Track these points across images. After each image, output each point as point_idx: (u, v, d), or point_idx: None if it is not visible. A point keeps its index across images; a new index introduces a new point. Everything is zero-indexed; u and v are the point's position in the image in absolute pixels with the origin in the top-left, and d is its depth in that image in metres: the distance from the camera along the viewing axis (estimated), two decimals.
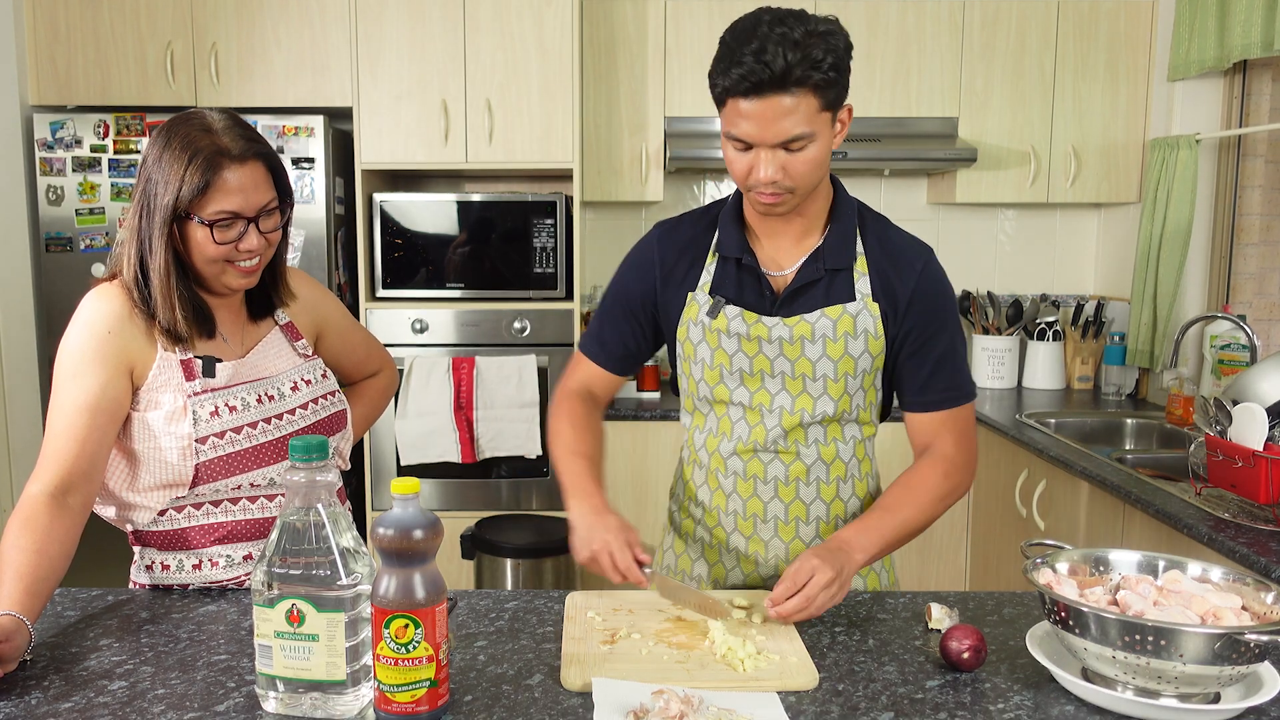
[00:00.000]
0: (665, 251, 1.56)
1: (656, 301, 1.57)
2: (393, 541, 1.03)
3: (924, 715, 1.10)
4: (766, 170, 1.34)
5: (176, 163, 1.35)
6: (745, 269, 1.50)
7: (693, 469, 1.61)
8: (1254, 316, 3.16)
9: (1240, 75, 3.16)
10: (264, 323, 1.57)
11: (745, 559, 1.56)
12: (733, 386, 1.52)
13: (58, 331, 3.24)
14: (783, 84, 1.28)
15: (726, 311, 1.49)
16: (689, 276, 1.54)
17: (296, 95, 3.31)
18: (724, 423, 1.55)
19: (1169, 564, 1.24)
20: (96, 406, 1.36)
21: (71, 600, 1.42)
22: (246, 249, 1.40)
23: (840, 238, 1.48)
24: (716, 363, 1.51)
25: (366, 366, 1.79)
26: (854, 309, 1.46)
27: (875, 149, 3.33)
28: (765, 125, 1.31)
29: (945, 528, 3.33)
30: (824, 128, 1.34)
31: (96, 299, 1.41)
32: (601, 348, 1.62)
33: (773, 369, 1.49)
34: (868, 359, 1.49)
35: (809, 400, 1.49)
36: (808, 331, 1.46)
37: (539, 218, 3.29)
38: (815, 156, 1.35)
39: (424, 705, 1.05)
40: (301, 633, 1.07)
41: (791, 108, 1.30)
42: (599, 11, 3.38)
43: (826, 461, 1.53)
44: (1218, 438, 2.03)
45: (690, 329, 1.52)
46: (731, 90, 1.31)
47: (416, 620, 1.02)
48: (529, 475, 3.33)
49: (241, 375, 1.48)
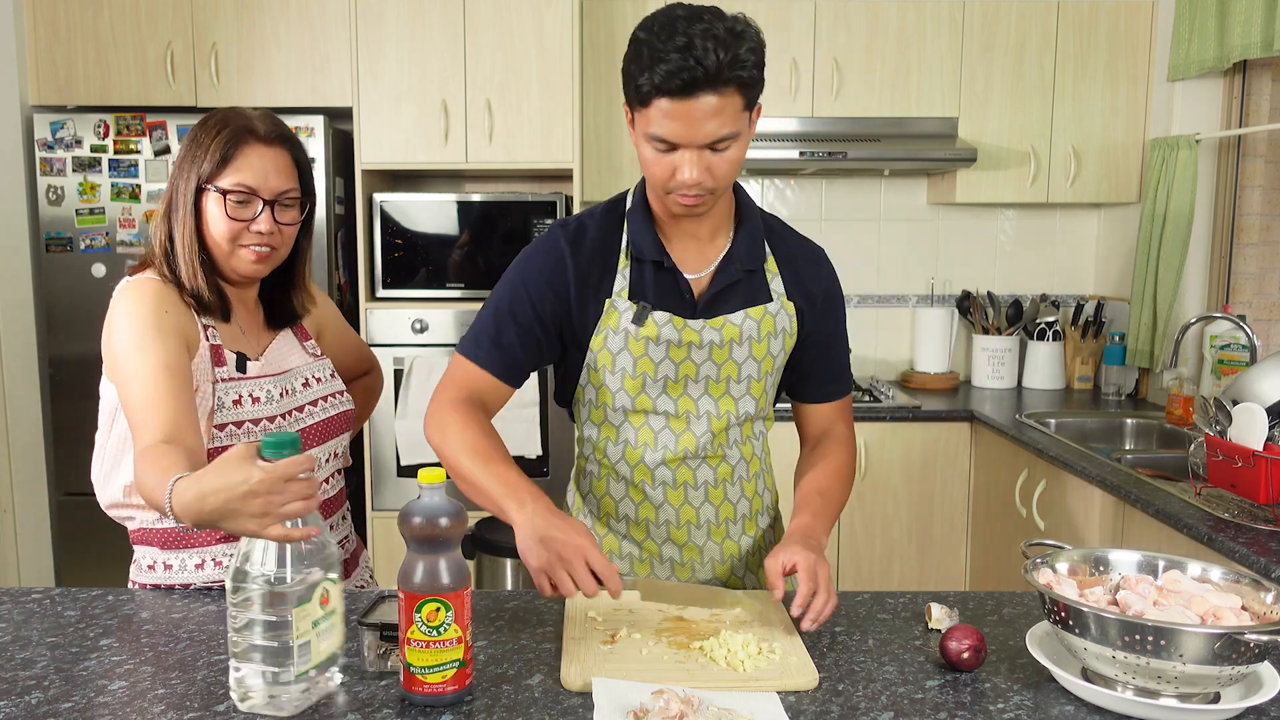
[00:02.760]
0: (578, 256, 1.45)
1: (570, 310, 1.45)
2: (422, 529, 1.07)
3: (924, 715, 1.10)
4: (691, 171, 1.31)
5: (207, 136, 1.41)
6: (664, 271, 1.45)
7: (605, 483, 1.53)
8: (1254, 316, 3.16)
9: (1240, 75, 3.16)
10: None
11: (680, 566, 1.55)
12: (655, 395, 1.47)
13: (58, 331, 3.28)
14: (713, 83, 1.25)
15: (655, 317, 1.42)
16: (604, 282, 1.45)
17: (296, 95, 3.31)
18: (644, 433, 1.49)
19: (1169, 564, 1.24)
20: (173, 367, 1.34)
21: (71, 600, 1.42)
22: (258, 230, 1.42)
23: (750, 238, 1.48)
24: (640, 371, 1.45)
25: (359, 367, 1.82)
26: (774, 308, 1.48)
27: (875, 149, 3.33)
28: (693, 125, 1.27)
29: (945, 528, 3.33)
30: (745, 127, 1.33)
31: (136, 286, 1.41)
32: (499, 354, 1.45)
33: (698, 374, 1.47)
34: (782, 356, 1.51)
35: (731, 402, 1.49)
36: (735, 334, 1.45)
37: (539, 218, 3.29)
38: (737, 157, 1.34)
39: (452, 685, 1.10)
40: (329, 610, 1.12)
41: (719, 107, 1.27)
42: (599, 11, 3.38)
43: (746, 459, 1.55)
44: (1218, 438, 2.03)
45: (609, 337, 1.44)
46: (660, 89, 1.25)
47: (447, 604, 1.07)
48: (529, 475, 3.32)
49: (265, 370, 1.51)
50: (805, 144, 3.31)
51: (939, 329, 3.71)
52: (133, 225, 3.26)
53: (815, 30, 3.40)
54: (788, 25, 3.39)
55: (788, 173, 3.73)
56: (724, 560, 1.56)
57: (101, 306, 1.44)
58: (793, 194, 3.80)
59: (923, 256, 3.82)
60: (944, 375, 3.68)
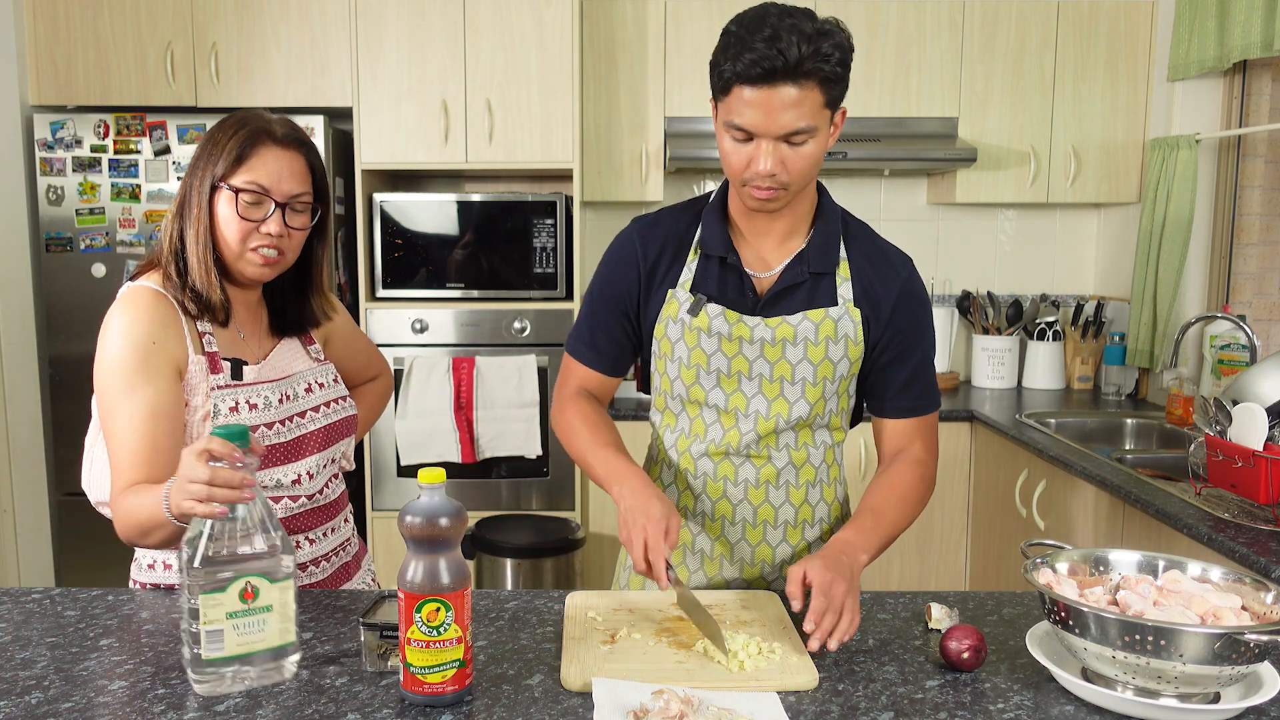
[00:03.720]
0: (647, 246, 1.52)
1: (639, 297, 1.53)
2: (422, 529, 1.08)
3: (924, 715, 1.11)
4: (766, 162, 1.33)
5: (224, 135, 1.42)
6: (728, 268, 1.48)
7: (660, 469, 1.58)
8: (1254, 316, 3.16)
9: (1240, 75, 3.16)
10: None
11: (710, 560, 1.55)
12: (709, 387, 1.50)
13: (58, 331, 3.28)
14: (794, 74, 1.27)
15: (708, 310, 1.47)
16: (670, 273, 1.51)
17: (296, 95, 3.31)
18: (697, 424, 1.53)
19: (1169, 564, 1.24)
20: (159, 413, 1.38)
21: (71, 600, 1.42)
22: (267, 231, 1.41)
23: (825, 241, 1.47)
24: (694, 362, 1.49)
25: (367, 372, 1.80)
26: (836, 313, 1.46)
27: (875, 149, 3.33)
28: (771, 115, 1.30)
29: (945, 528, 3.34)
30: (824, 124, 1.34)
31: (130, 307, 1.40)
32: (594, 351, 1.57)
33: (751, 370, 1.48)
34: (846, 364, 1.49)
35: (784, 404, 1.49)
36: (789, 334, 1.45)
37: (539, 218, 3.29)
38: (814, 153, 1.35)
39: (452, 685, 1.10)
40: (256, 606, 1.15)
41: (798, 99, 1.29)
42: (599, 11, 3.38)
43: (796, 466, 1.53)
44: (1218, 438, 2.03)
45: (669, 326, 1.50)
46: (742, 76, 1.29)
47: (447, 604, 1.08)
48: (529, 475, 3.33)
49: (263, 375, 1.50)
50: None
51: (939, 329, 3.71)
52: (133, 225, 3.26)
53: None
54: None
55: None
56: (754, 564, 1.55)
57: (102, 307, 1.44)
58: None
59: (923, 256, 3.82)
60: (944, 375, 3.69)
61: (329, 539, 1.58)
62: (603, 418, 1.54)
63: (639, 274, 1.52)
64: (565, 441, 1.54)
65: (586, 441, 1.49)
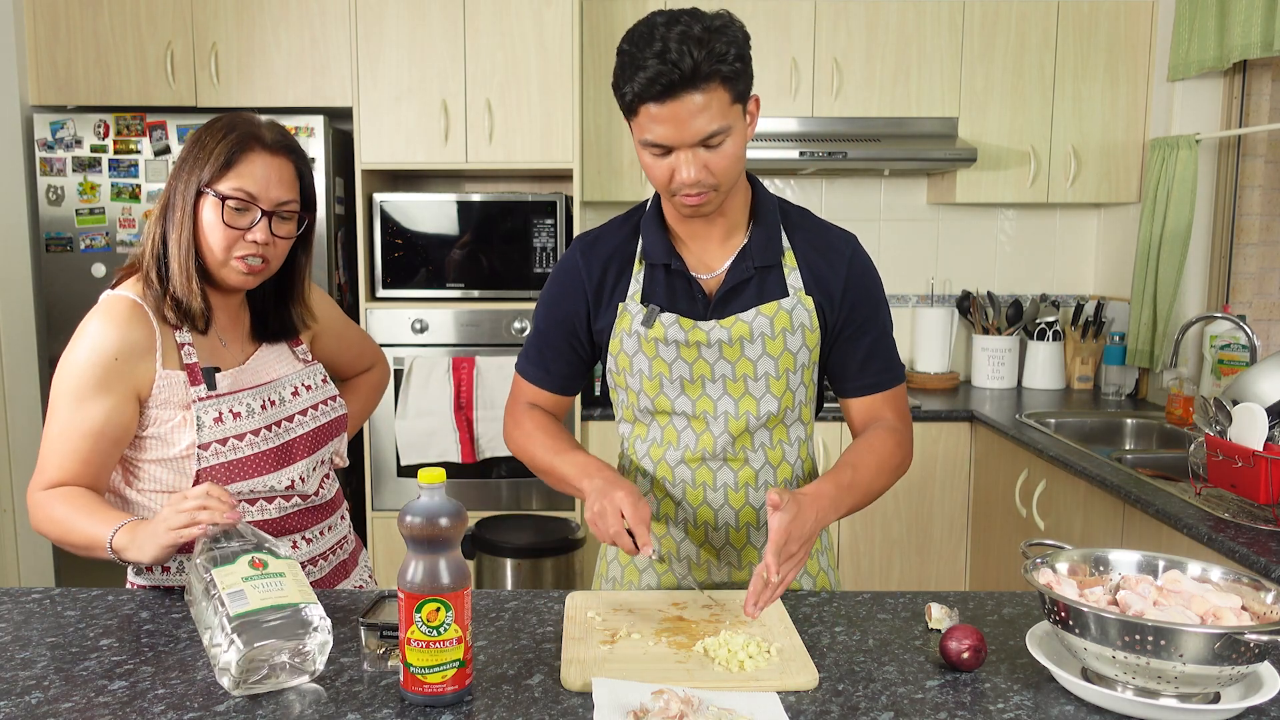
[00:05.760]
0: (590, 265, 1.51)
1: (588, 315, 1.52)
2: (422, 529, 1.08)
3: (924, 715, 1.10)
4: (688, 171, 1.33)
5: (212, 139, 1.39)
6: (675, 274, 1.48)
7: (635, 478, 1.57)
8: (1254, 316, 3.16)
9: (1240, 75, 3.16)
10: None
11: (696, 567, 1.55)
12: (674, 395, 1.49)
13: (58, 331, 3.28)
14: (693, 81, 1.27)
15: (662, 319, 1.46)
16: (619, 286, 1.50)
17: (296, 95, 3.31)
18: (669, 432, 1.52)
19: (1169, 564, 1.24)
20: (100, 433, 1.37)
21: (71, 600, 1.42)
22: (253, 240, 1.40)
23: (765, 234, 1.47)
24: (655, 372, 1.48)
25: (360, 363, 1.79)
26: (789, 304, 1.46)
27: (875, 149, 3.33)
28: (681, 126, 1.30)
29: (945, 527, 3.34)
30: (737, 120, 1.34)
31: (104, 319, 1.39)
32: (544, 370, 1.57)
33: (713, 373, 1.47)
34: (805, 353, 1.49)
35: (752, 401, 1.49)
36: (745, 331, 1.45)
37: (539, 218, 3.29)
38: (734, 150, 1.34)
39: (452, 685, 1.10)
40: (269, 572, 1.20)
41: (704, 104, 1.29)
42: (599, 11, 3.38)
43: (774, 465, 1.53)
44: (1218, 438, 2.03)
45: (624, 340, 1.49)
46: (643, 96, 1.28)
47: (447, 604, 1.08)
48: (529, 475, 3.33)
49: (243, 381, 1.48)
50: (805, 144, 3.31)
51: (939, 329, 3.72)
52: (133, 225, 3.26)
53: (815, 30, 3.40)
54: (787, 25, 3.39)
55: (788, 173, 3.74)
56: (743, 566, 1.55)
57: None
58: (793, 194, 3.80)
59: (923, 256, 3.82)
60: (944, 375, 3.69)
61: (325, 538, 1.58)
62: (559, 427, 1.55)
63: (585, 293, 1.52)
64: (523, 453, 1.54)
65: (547, 448, 1.49)
